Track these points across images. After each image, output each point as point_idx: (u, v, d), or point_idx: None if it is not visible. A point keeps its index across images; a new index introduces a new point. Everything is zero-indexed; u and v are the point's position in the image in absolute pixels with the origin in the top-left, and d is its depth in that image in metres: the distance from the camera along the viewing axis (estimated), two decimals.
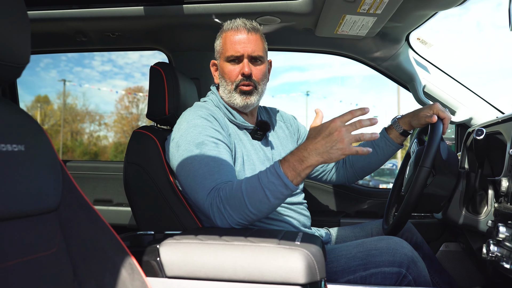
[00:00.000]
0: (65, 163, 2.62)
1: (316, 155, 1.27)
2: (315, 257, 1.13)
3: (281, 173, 1.30)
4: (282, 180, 1.30)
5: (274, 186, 1.30)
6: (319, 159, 1.27)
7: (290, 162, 1.31)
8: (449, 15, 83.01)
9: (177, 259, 1.18)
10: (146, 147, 1.68)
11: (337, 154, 1.25)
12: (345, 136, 1.24)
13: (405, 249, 1.47)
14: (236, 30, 1.65)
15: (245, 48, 1.64)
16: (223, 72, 1.69)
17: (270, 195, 1.31)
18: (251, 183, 1.34)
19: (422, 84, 2.19)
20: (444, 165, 1.65)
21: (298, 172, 1.30)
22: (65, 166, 1.09)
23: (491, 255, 1.37)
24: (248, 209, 1.33)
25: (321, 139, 1.27)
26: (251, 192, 1.32)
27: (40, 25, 2.14)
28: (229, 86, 1.67)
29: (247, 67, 1.64)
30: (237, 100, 1.66)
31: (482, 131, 1.55)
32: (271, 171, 1.32)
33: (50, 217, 1.00)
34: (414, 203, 1.56)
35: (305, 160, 1.29)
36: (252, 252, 1.15)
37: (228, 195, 1.35)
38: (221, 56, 1.70)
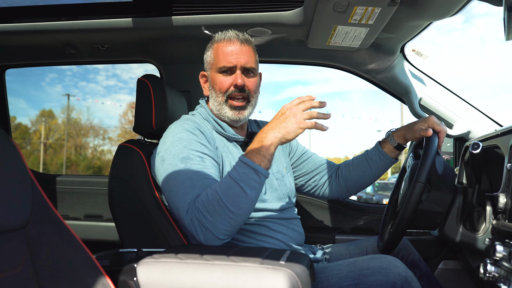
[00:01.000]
0: (55, 178, 2.58)
1: (273, 132, 1.36)
2: (300, 278, 1.08)
3: (247, 161, 1.34)
4: (250, 167, 1.33)
5: (245, 176, 1.33)
6: (277, 135, 1.35)
7: (252, 149, 1.37)
8: (453, 29, 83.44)
9: (155, 279, 1.12)
10: (131, 162, 1.63)
11: (293, 128, 1.34)
12: (297, 111, 1.35)
13: (398, 268, 1.41)
14: (229, 41, 1.63)
15: (238, 60, 1.62)
16: (214, 83, 1.65)
17: (245, 187, 1.32)
18: (224, 182, 1.35)
19: (418, 96, 2.15)
20: (439, 180, 1.59)
21: (263, 154, 1.35)
22: (36, 182, 1.04)
23: (488, 275, 1.30)
24: (228, 209, 1.31)
25: (275, 119, 1.38)
26: (227, 191, 1.32)
27: (29, 38, 2.12)
28: (220, 98, 1.64)
29: (240, 78, 1.61)
30: (228, 113, 1.64)
31: (479, 145, 1.49)
32: (239, 163, 1.36)
33: (16, 235, 0.95)
34: (408, 219, 1.50)
35: (264, 140, 1.36)
36: (233, 272, 1.09)
37: (205, 202, 1.33)
38: (212, 67, 1.66)
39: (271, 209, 1.64)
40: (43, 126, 38.01)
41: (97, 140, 41.97)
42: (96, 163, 38.11)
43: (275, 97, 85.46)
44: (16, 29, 2.02)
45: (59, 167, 35.81)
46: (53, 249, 1.01)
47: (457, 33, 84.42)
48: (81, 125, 40.19)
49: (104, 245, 2.53)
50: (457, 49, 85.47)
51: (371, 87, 2.43)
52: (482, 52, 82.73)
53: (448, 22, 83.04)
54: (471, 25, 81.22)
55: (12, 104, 28.54)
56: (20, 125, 37.74)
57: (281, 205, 1.68)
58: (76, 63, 2.49)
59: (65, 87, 53.11)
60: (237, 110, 1.63)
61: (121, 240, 1.64)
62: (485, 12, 78.20)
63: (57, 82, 54.34)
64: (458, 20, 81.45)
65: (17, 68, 2.66)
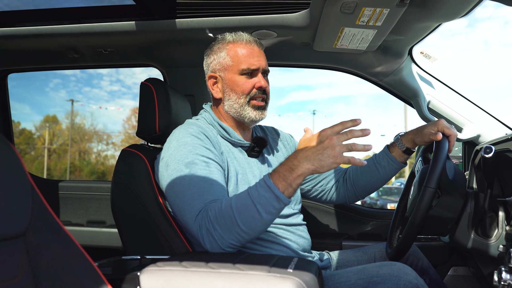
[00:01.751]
0: (58, 183, 2.55)
1: (307, 162, 1.23)
2: (309, 286, 1.04)
3: (271, 185, 1.24)
4: (273, 192, 1.24)
5: (265, 200, 1.24)
6: (310, 166, 1.23)
7: (280, 172, 1.25)
8: (456, 34, 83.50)
9: (158, 287, 1.08)
10: (134, 167, 1.60)
11: (329, 162, 1.21)
12: (336, 143, 1.22)
13: (409, 276, 1.37)
14: (248, 43, 1.63)
15: (260, 62, 1.63)
16: (234, 85, 1.62)
17: (262, 210, 1.24)
18: (241, 199, 1.27)
19: (427, 100, 2.11)
20: (450, 185, 1.56)
21: (289, 182, 1.24)
22: (37, 188, 1.01)
23: (503, 283, 1.26)
24: (239, 228, 1.26)
25: (312, 147, 1.23)
26: (242, 209, 1.25)
27: (31, 42, 2.10)
28: (241, 100, 1.62)
29: (263, 80, 1.63)
30: (251, 114, 1.62)
31: (491, 149, 1.46)
32: (261, 184, 1.26)
33: (15, 242, 0.92)
34: (419, 226, 1.47)
35: (296, 168, 1.23)
36: (239, 281, 1.06)
37: (217, 214, 1.28)
38: (229, 68, 1.63)
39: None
40: (47, 132, 38.17)
41: (100, 145, 42.13)
42: (100, 168, 38.21)
43: (278, 101, 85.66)
44: (18, 33, 2.01)
45: (63, 172, 35.92)
46: (53, 257, 0.98)
47: (461, 37, 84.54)
48: (85, 130, 40.39)
49: (108, 251, 2.50)
50: (461, 53, 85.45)
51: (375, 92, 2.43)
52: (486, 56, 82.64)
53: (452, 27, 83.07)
54: (475, 29, 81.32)
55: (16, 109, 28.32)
56: (24, 130, 37.92)
57: (287, 211, 1.65)
58: (79, 67, 2.47)
59: (69, 93, 53.45)
60: (259, 110, 1.63)
61: (124, 247, 1.61)
62: (489, 16, 78.30)
63: (61, 87, 54.68)
64: (461, 24, 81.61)
65: (21, 73, 2.64)
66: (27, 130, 38.41)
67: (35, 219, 0.98)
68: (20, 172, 0.98)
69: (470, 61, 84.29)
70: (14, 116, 48.14)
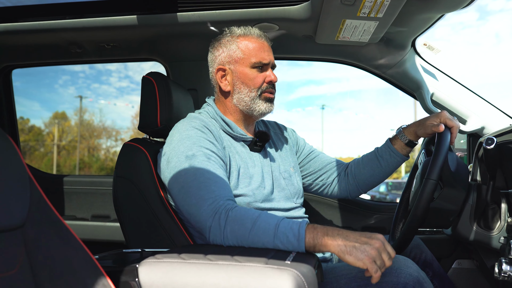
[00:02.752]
0: (62, 178, 2.57)
1: (342, 239, 1.18)
2: (306, 278, 1.04)
3: (302, 235, 1.22)
4: (298, 241, 1.22)
5: (286, 240, 1.23)
6: (341, 245, 1.18)
7: (315, 229, 1.23)
8: (467, 27, 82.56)
9: (157, 279, 1.09)
10: (136, 161, 1.61)
11: (359, 255, 1.15)
12: (379, 249, 1.16)
13: (410, 268, 1.36)
14: (259, 37, 1.65)
15: (270, 56, 1.65)
16: (245, 79, 1.63)
17: (275, 244, 1.24)
18: (267, 223, 1.26)
19: (430, 92, 2.09)
20: (452, 177, 1.54)
21: (315, 244, 1.21)
22: (35, 181, 1.02)
23: (504, 274, 1.26)
24: (246, 242, 1.26)
25: (358, 234, 1.20)
26: (261, 232, 1.25)
27: (34, 37, 2.11)
28: (253, 93, 1.63)
29: (273, 75, 1.65)
30: (262, 106, 1.64)
31: (493, 140, 1.44)
32: (293, 227, 1.24)
33: (12, 235, 0.93)
34: (420, 218, 1.46)
35: (329, 236, 1.20)
36: (236, 273, 1.06)
37: (237, 219, 1.28)
38: (240, 61, 1.63)
39: (278, 208, 1.60)
40: (56, 128, 38.40)
41: (109, 142, 42.30)
42: (109, 164, 38.37)
43: (288, 96, 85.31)
44: (21, 28, 2.02)
45: (72, 168, 36.15)
46: (51, 250, 0.99)
47: (472, 30, 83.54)
48: (94, 126, 40.55)
49: (112, 245, 2.51)
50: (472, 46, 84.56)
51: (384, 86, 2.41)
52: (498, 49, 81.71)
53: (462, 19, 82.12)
54: (486, 21, 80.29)
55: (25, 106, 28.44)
56: (33, 127, 38.19)
57: (289, 204, 1.65)
58: (82, 62, 2.48)
59: (78, 89, 53.69)
60: (269, 102, 1.65)
61: (126, 240, 1.62)
62: (500, 8, 77.32)
63: (70, 84, 54.90)
64: (472, 17, 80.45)
65: (29, 70, 2.66)
66: (37, 127, 38.65)
67: (33, 211, 0.98)
68: (18, 165, 0.98)
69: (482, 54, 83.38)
70: (24, 113, 48.58)
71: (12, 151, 0.98)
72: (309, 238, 1.21)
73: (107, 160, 39.31)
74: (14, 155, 0.98)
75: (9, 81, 2.69)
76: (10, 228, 0.92)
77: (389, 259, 1.18)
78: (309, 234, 1.22)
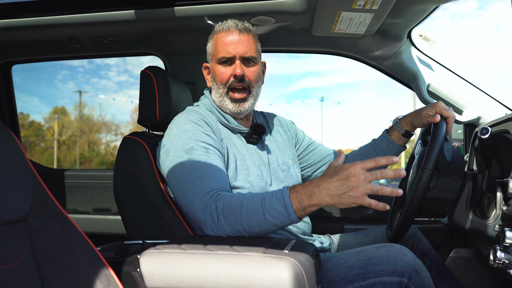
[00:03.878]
0: (64, 172, 2.59)
1: (327, 195, 1.19)
2: (304, 267, 1.06)
3: (287, 202, 1.23)
4: (286, 209, 1.23)
5: (275, 212, 1.24)
6: (328, 200, 1.19)
7: (298, 193, 1.23)
8: (467, 16, 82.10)
9: (157, 269, 1.12)
10: (135, 154, 1.63)
11: (348, 201, 1.17)
12: (362, 184, 1.16)
13: (406, 257, 1.38)
14: (227, 31, 1.60)
15: (237, 49, 1.59)
16: (214, 75, 1.64)
17: (268, 220, 1.25)
18: (253, 202, 1.27)
19: (426, 82, 2.10)
20: (448, 167, 1.56)
21: (303, 207, 1.22)
22: (37, 175, 1.04)
23: (498, 262, 1.28)
24: (241, 227, 1.28)
25: (336, 181, 1.19)
26: (250, 212, 1.26)
27: (33, 33, 2.12)
28: (221, 89, 1.62)
29: (239, 68, 1.58)
30: (229, 106, 1.62)
31: (488, 130, 1.46)
32: (278, 197, 1.25)
33: (16, 227, 0.95)
34: (417, 207, 1.48)
35: (314, 197, 1.21)
36: (235, 262, 1.08)
37: (226, 207, 1.30)
38: (212, 58, 1.65)
39: None
40: (56, 123, 38.37)
41: (109, 136, 42.30)
42: (109, 158, 38.37)
43: (287, 89, 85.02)
44: (20, 24, 2.03)
45: (72, 163, 36.17)
46: (54, 241, 1.01)
47: (471, 19, 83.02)
48: (94, 121, 40.53)
49: (114, 238, 2.53)
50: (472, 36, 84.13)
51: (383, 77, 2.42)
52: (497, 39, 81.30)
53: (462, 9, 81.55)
54: (486, 11, 79.85)
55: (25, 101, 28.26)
56: (33, 122, 38.15)
57: None
58: (81, 57, 2.49)
59: (77, 84, 53.64)
60: (237, 102, 1.61)
61: (127, 233, 1.64)
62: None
63: (69, 79, 54.78)
64: (472, 6, 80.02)
65: (29, 66, 2.68)
66: (36, 122, 38.62)
67: (36, 204, 1.00)
68: (20, 159, 1.00)
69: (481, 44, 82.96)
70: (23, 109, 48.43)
71: (15, 146, 1.00)
72: (296, 203, 1.23)
73: (107, 155, 39.30)
74: (16, 149, 1.00)
75: (9, 76, 2.71)
76: (14, 221, 0.94)
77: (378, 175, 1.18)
78: (294, 200, 1.23)
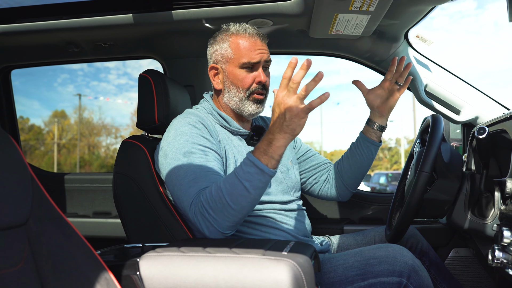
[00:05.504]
0: (63, 176, 2.59)
1: (280, 133, 1.29)
2: (303, 268, 1.07)
3: (254, 160, 1.29)
4: (257, 166, 1.29)
5: (251, 176, 1.29)
6: (284, 135, 1.28)
7: (260, 148, 1.31)
8: (466, 16, 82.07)
9: (157, 272, 1.12)
10: (134, 157, 1.63)
11: (296, 124, 1.27)
12: (290, 103, 1.25)
13: (405, 257, 1.39)
14: (251, 36, 1.62)
15: (262, 55, 1.62)
16: (234, 79, 1.63)
17: (249, 186, 1.29)
18: (229, 179, 1.32)
19: (424, 83, 2.11)
20: (446, 168, 1.57)
21: (270, 155, 1.30)
22: (37, 179, 1.05)
23: (497, 261, 1.28)
24: (230, 207, 1.30)
25: (277, 118, 1.28)
26: (230, 189, 1.30)
27: (32, 37, 2.13)
28: (242, 94, 1.62)
29: (263, 75, 1.62)
30: (250, 107, 1.63)
31: (485, 130, 1.47)
32: (245, 161, 1.32)
33: (16, 232, 0.95)
34: (414, 209, 1.49)
35: (273, 141, 1.29)
36: (235, 264, 1.09)
37: (209, 198, 1.32)
38: (231, 61, 1.63)
39: (276, 201, 1.63)
40: (56, 127, 38.36)
41: (109, 139, 42.29)
42: (109, 161, 38.35)
43: None
44: (19, 29, 2.03)
45: (73, 166, 36.16)
46: (54, 245, 1.02)
47: (470, 19, 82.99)
48: (93, 124, 40.53)
49: (114, 241, 2.53)
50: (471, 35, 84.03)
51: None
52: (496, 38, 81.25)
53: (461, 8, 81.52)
54: (484, 10, 79.84)
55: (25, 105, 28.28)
56: (33, 126, 38.14)
57: (286, 198, 1.67)
58: (80, 61, 2.50)
59: (77, 87, 53.67)
60: (258, 103, 1.64)
61: (127, 236, 1.65)
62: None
63: (69, 82, 54.85)
64: (470, 5, 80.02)
65: (29, 70, 2.69)
66: (36, 126, 38.61)
67: (35, 208, 1.01)
68: (19, 164, 1.01)
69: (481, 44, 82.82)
70: (23, 112, 48.42)
71: (14, 150, 1.01)
72: (262, 157, 1.30)
73: (107, 158, 39.28)
74: (15, 154, 1.01)
75: (8, 81, 2.71)
76: (14, 225, 0.94)
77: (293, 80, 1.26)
78: (259, 154, 1.30)
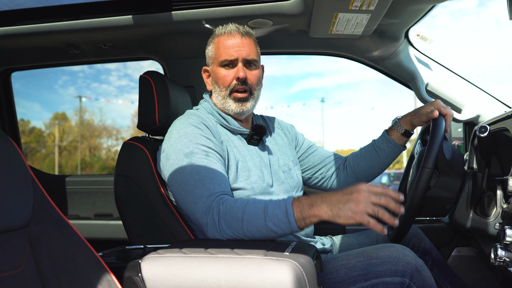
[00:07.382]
0: (65, 178, 2.59)
1: (327, 206, 1.21)
2: (305, 269, 1.07)
3: (289, 210, 1.25)
4: (288, 217, 1.25)
5: (277, 220, 1.26)
6: (328, 211, 1.21)
7: (301, 203, 1.25)
8: (467, 14, 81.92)
9: (159, 274, 1.12)
10: (136, 159, 1.63)
11: (346, 214, 1.18)
12: (363, 201, 1.17)
13: (408, 257, 1.38)
14: (229, 34, 1.62)
15: (240, 52, 1.60)
16: (216, 78, 1.65)
17: (269, 227, 1.26)
18: (256, 208, 1.29)
19: (425, 82, 2.11)
20: (448, 166, 1.57)
21: (304, 217, 1.24)
22: (38, 181, 1.05)
23: (499, 260, 1.28)
24: (242, 232, 1.29)
25: (340, 193, 1.22)
26: (252, 218, 1.28)
27: (32, 39, 2.13)
28: (223, 92, 1.63)
29: (241, 71, 1.60)
30: (232, 106, 1.63)
31: (486, 128, 1.46)
32: (280, 205, 1.27)
33: (18, 234, 0.96)
34: (417, 206, 1.48)
35: (315, 206, 1.23)
36: (237, 265, 1.09)
37: (228, 211, 1.31)
38: (213, 61, 1.66)
39: None
40: (57, 129, 38.36)
41: (110, 141, 42.24)
42: (110, 163, 38.30)
43: (288, 90, 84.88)
44: (19, 31, 2.04)
45: (74, 169, 36.14)
46: (55, 247, 1.02)
47: (472, 17, 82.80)
48: (94, 126, 40.50)
49: (116, 243, 2.52)
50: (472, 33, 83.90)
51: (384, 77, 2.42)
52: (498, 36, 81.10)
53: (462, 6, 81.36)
54: (486, 8, 79.65)
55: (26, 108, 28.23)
56: (34, 128, 38.15)
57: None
58: (80, 63, 2.50)
59: (78, 89, 53.57)
60: (240, 102, 1.62)
61: (128, 237, 1.65)
62: None
63: (70, 84, 54.73)
64: (472, 3, 79.90)
65: (29, 72, 2.69)
66: (37, 128, 38.56)
67: (36, 211, 1.01)
68: (20, 167, 1.01)
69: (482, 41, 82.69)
70: (24, 115, 48.39)
71: (15, 153, 1.01)
72: (297, 212, 1.24)
73: (108, 160, 39.25)
74: (16, 157, 1.01)
75: (8, 84, 2.72)
76: (15, 228, 0.94)
77: (382, 200, 1.17)
78: (296, 208, 1.25)
